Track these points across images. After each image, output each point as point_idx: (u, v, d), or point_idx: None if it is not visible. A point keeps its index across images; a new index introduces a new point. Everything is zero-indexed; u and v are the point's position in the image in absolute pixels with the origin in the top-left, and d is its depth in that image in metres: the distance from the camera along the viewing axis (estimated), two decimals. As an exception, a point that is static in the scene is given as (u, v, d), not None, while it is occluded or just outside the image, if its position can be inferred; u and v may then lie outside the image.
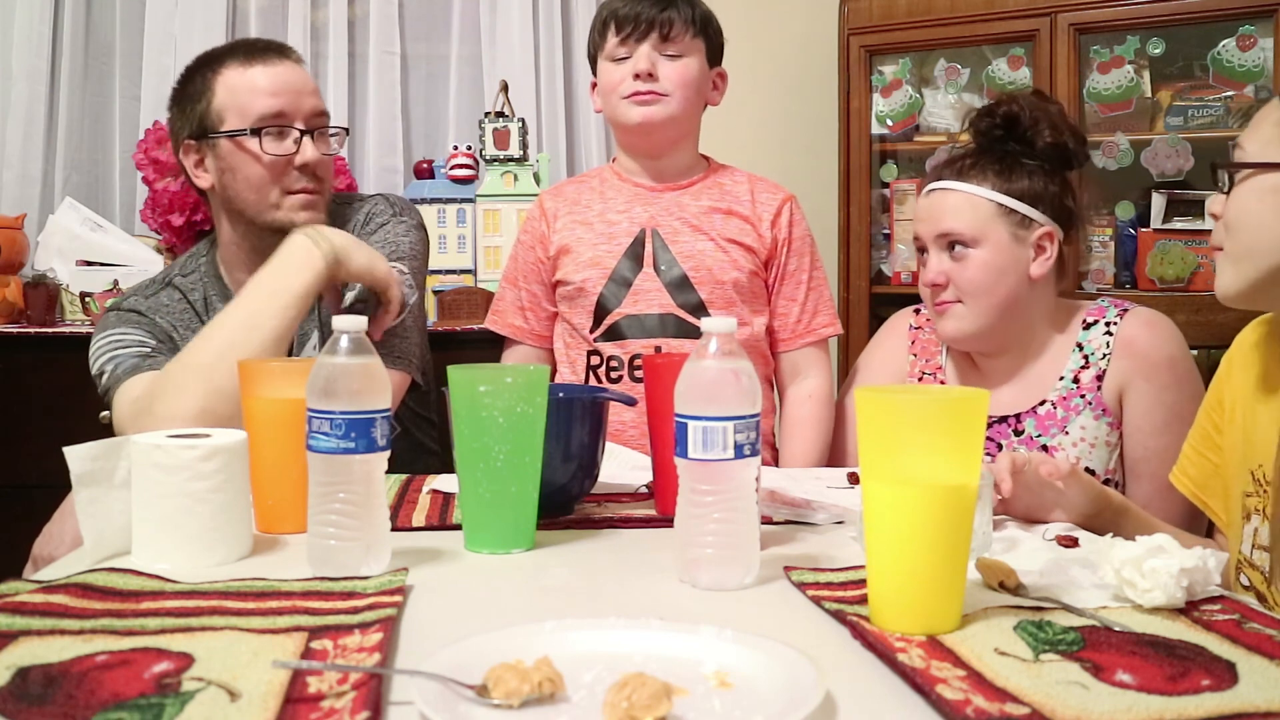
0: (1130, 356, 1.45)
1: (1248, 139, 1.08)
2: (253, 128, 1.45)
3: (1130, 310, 1.49)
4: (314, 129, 1.48)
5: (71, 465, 0.96)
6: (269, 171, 1.45)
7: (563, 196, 1.76)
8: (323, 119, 1.51)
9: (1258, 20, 2.37)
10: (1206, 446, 1.26)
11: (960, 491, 0.77)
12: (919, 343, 1.64)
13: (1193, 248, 2.40)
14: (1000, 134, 1.50)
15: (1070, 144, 1.50)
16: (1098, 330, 1.48)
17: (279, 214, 1.47)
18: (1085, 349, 1.48)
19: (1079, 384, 1.47)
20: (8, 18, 2.82)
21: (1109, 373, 1.46)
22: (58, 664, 0.67)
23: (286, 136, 1.46)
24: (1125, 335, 1.46)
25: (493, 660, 0.64)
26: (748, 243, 1.66)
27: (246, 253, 1.51)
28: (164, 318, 1.50)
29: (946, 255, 1.48)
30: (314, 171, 1.48)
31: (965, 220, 1.46)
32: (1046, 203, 1.47)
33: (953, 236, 1.46)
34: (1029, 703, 0.62)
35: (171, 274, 1.57)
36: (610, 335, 1.66)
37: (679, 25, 1.62)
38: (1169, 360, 1.45)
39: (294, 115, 1.46)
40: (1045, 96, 1.57)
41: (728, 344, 0.90)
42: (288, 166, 1.46)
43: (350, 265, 1.35)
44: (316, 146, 1.48)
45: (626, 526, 1.11)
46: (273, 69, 1.47)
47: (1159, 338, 1.46)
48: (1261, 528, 1.10)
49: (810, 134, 2.93)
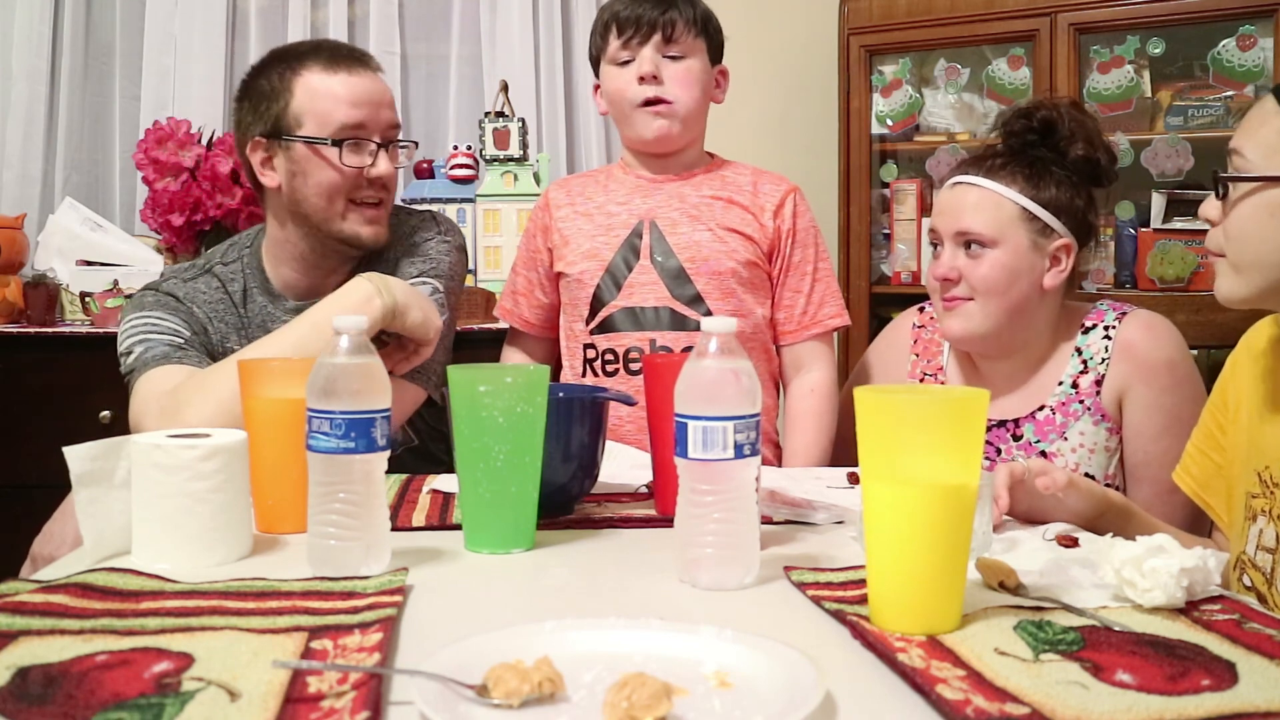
0: (1129, 361, 1.44)
1: (1245, 143, 1.05)
2: (334, 138, 1.44)
3: (1129, 313, 1.48)
4: (388, 141, 1.48)
5: (71, 465, 0.96)
6: (343, 182, 1.45)
7: (568, 188, 1.77)
8: (395, 131, 1.51)
9: (1258, 20, 2.37)
10: (1210, 446, 1.26)
11: (960, 491, 0.77)
12: (921, 342, 1.64)
13: (1193, 248, 2.40)
14: (1034, 138, 1.48)
15: (1103, 160, 1.48)
16: (1096, 334, 1.47)
17: (344, 225, 1.47)
18: (1084, 353, 1.47)
19: (1078, 389, 1.46)
20: (8, 18, 2.82)
21: (1108, 378, 1.45)
22: (58, 664, 0.67)
23: (364, 149, 1.45)
24: (1123, 339, 1.45)
25: (493, 660, 0.64)
26: (747, 232, 1.66)
27: (299, 254, 1.51)
28: (200, 307, 1.49)
29: (962, 252, 1.46)
30: (384, 184, 1.48)
31: (987, 219, 1.44)
32: (1070, 215, 1.45)
33: (971, 235, 1.45)
34: (1029, 703, 0.62)
35: (212, 261, 1.56)
36: (604, 328, 1.66)
37: (681, 26, 1.62)
38: (1167, 363, 1.44)
39: (373, 128, 1.46)
40: (1082, 108, 1.54)
41: (727, 344, 0.90)
42: (360, 178, 1.46)
43: (406, 320, 1.32)
44: (390, 159, 1.49)
45: (626, 526, 1.11)
46: (356, 78, 1.46)
47: (1157, 340, 1.45)
48: (1267, 529, 1.10)
49: (810, 134, 2.93)
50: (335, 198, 1.46)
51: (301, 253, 1.51)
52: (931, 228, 1.51)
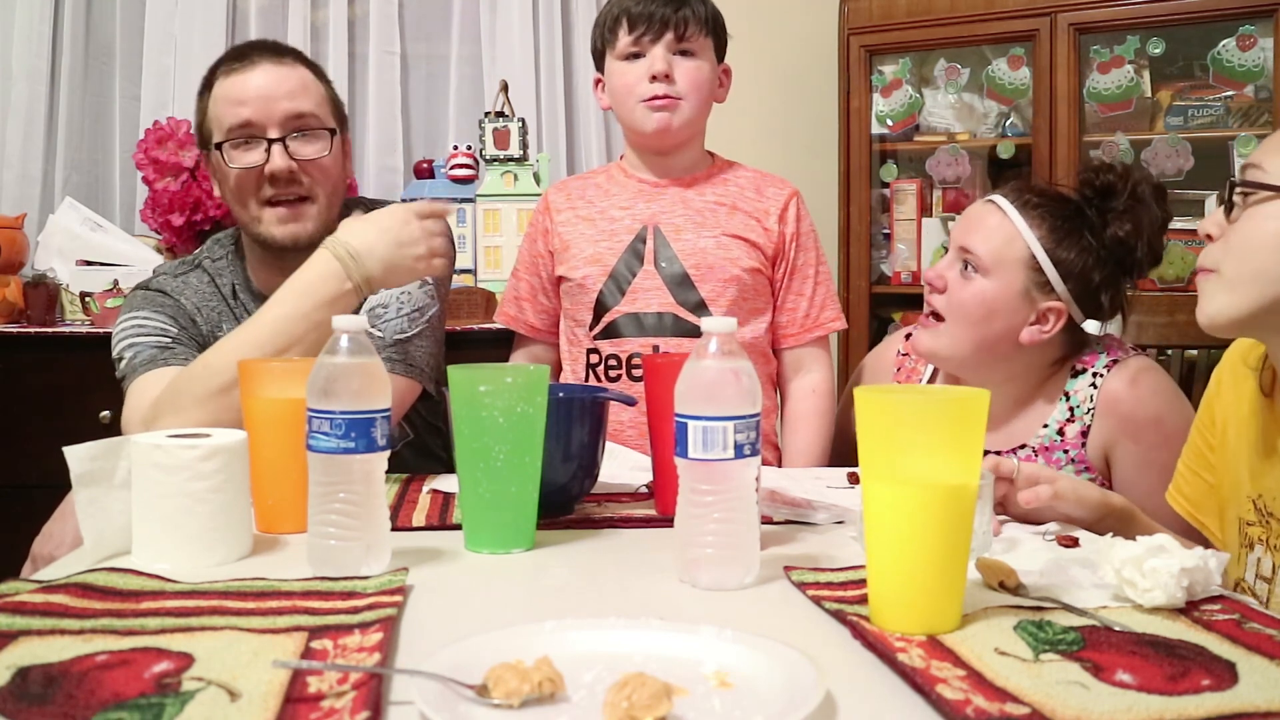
0: (1114, 416, 1.38)
1: (1265, 158, 1.02)
2: (219, 141, 1.42)
3: (1119, 362, 1.40)
4: (290, 133, 1.41)
5: (71, 465, 0.96)
6: (240, 184, 1.42)
7: (568, 191, 1.76)
8: (299, 121, 1.42)
9: (1258, 20, 2.37)
10: (1200, 465, 1.24)
11: (960, 491, 0.77)
12: (904, 370, 1.62)
13: (1193, 248, 2.40)
14: (1090, 195, 1.42)
15: (1139, 252, 1.40)
16: (1084, 380, 1.40)
17: (261, 227, 1.43)
18: (1070, 400, 1.41)
19: (1063, 437, 1.40)
20: (8, 18, 2.82)
21: (1093, 431, 1.39)
22: (58, 664, 0.67)
23: (255, 146, 1.41)
24: (1109, 393, 1.38)
25: (493, 660, 0.64)
26: (752, 238, 1.66)
27: (260, 257, 1.50)
28: (189, 299, 1.48)
29: (958, 266, 1.42)
30: (292, 178, 1.41)
31: (992, 247, 1.39)
32: (1079, 283, 1.39)
33: (971, 255, 1.40)
34: (1029, 703, 0.62)
35: (200, 257, 1.55)
36: (608, 333, 1.65)
37: (693, 25, 1.62)
38: (1154, 420, 1.37)
39: (265, 123, 1.40)
40: (1163, 198, 1.42)
41: (728, 344, 0.90)
42: (260, 177, 1.41)
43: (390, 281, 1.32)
44: (295, 151, 1.41)
45: (626, 526, 1.11)
46: (243, 76, 1.41)
47: (1143, 395, 1.38)
48: (1265, 558, 1.10)
49: (810, 134, 2.93)
50: (244, 201, 1.43)
51: (261, 256, 1.49)
52: (951, 232, 1.49)
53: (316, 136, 1.44)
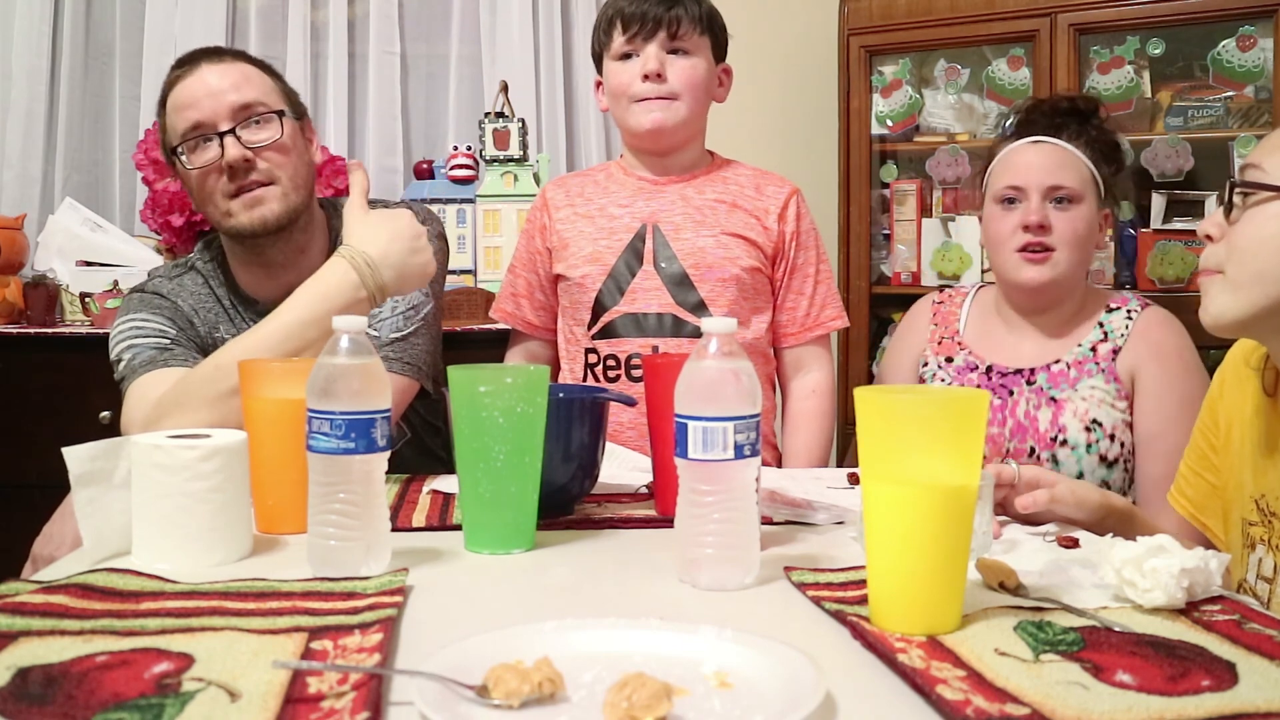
0: (1146, 342, 1.56)
1: (1265, 158, 1.02)
2: (174, 146, 1.43)
3: (1151, 306, 1.61)
4: (239, 123, 1.41)
5: (71, 466, 0.96)
6: (202, 184, 1.42)
7: (567, 188, 1.76)
8: (248, 110, 1.41)
9: (1258, 20, 2.37)
10: (1203, 467, 1.25)
11: (960, 491, 0.77)
12: (940, 314, 1.72)
13: (1193, 248, 2.39)
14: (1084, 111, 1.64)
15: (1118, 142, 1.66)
16: (1119, 315, 1.60)
17: (232, 221, 1.42)
18: (1105, 327, 1.59)
19: (1095, 353, 1.58)
20: (8, 18, 2.82)
21: (1124, 351, 1.56)
22: (58, 664, 0.67)
23: (209, 144, 1.40)
24: (1144, 322, 1.58)
25: (493, 660, 0.65)
26: (752, 237, 1.65)
27: (241, 259, 1.50)
28: (186, 301, 1.48)
29: (1050, 206, 1.57)
30: (249, 166, 1.41)
31: (1074, 177, 1.58)
32: (1107, 189, 1.62)
33: (1064, 189, 1.56)
34: (1029, 703, 0.62)
35: (193, 259, 1.55)
36: (606, 333, 1.65)
37: (687, 23, 1.61)
38: (1179, 351, 1.55)
39: (213, 119, 1.40)
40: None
41: (728, 344, 0.90)
42: (218, 173, 1.41)
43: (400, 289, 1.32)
44: (247, 139, 1.40)
45: (626, 526, 1.11)
46: (186, 82, 1.42)
47: (1174, 332, 1.57)
48: (1266, 558, 1.10)
49: (810, 134, 2.93)
50: (211, 199, 1.43)
51: (241, 256, 1.49)
52: (1009, 185, 1.59)
53: (267, 121, 1.43)
